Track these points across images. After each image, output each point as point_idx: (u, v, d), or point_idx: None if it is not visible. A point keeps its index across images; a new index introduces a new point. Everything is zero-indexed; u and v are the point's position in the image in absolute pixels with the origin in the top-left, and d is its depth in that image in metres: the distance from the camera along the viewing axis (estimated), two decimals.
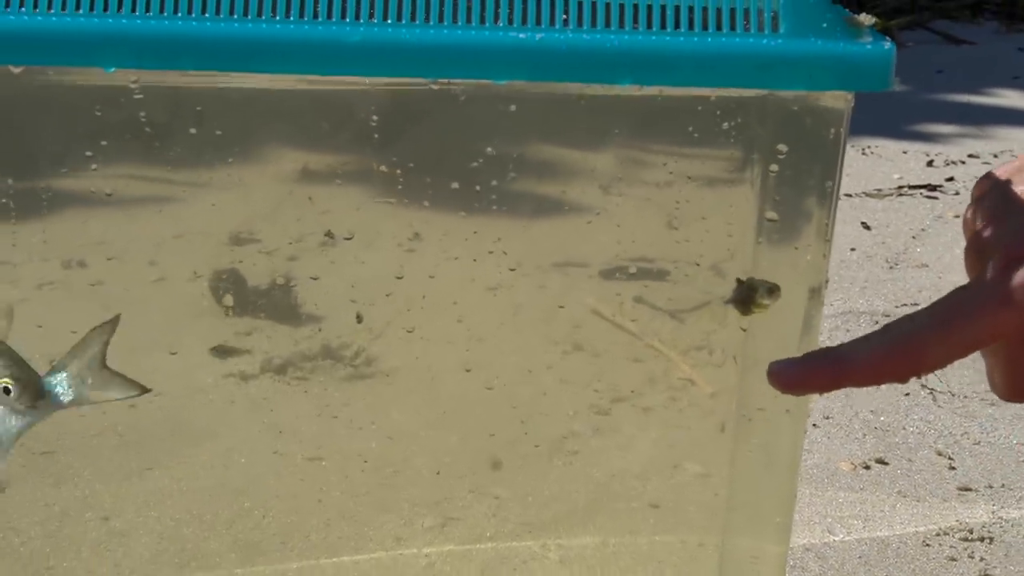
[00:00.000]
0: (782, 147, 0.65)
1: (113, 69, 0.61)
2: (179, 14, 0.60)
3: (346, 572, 0.77)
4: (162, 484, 0.75)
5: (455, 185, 0.68)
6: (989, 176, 0.69)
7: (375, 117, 0.67)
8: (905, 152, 1.91)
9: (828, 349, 0.60)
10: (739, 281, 0.69)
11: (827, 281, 0.66)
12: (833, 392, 1.24)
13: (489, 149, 0.68)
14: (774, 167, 0.66)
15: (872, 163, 1.82)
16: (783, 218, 0.67)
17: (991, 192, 0.63)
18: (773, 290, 0.69)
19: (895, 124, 2.00)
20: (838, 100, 0.62)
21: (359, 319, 0.71)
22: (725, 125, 0.66)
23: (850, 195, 1.67)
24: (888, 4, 2.71)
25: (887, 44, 0.59)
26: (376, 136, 0.67)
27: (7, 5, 0.60)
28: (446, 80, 0.64)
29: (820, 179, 0.65)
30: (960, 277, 0.62)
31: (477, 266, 0.71)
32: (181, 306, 0.73)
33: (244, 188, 0.70)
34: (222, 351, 0.73)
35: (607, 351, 0.73)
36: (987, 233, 0.61)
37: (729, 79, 0.61)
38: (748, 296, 0.69)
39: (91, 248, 0.71)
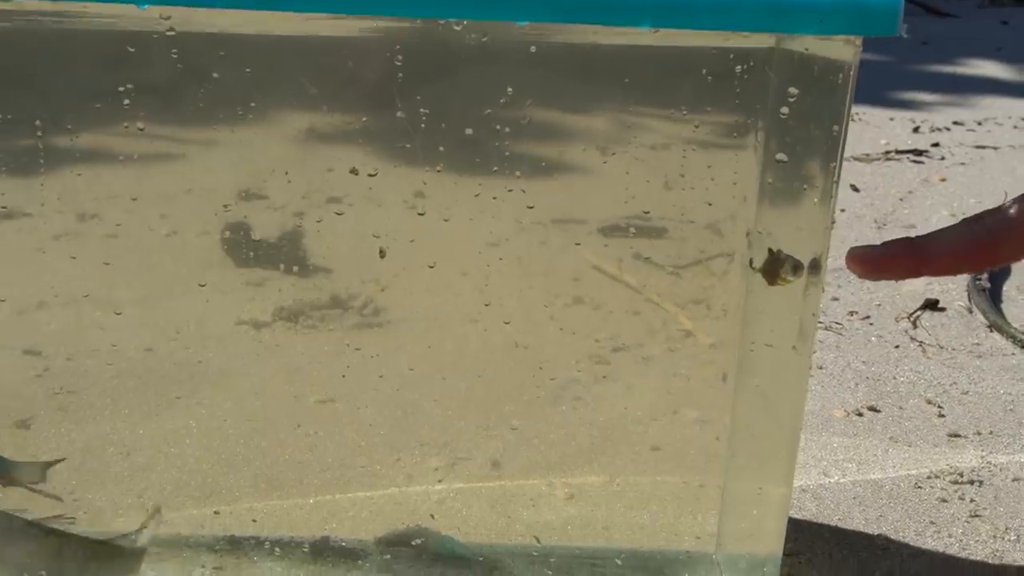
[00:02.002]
0: (792, 90, 0.65)
1: (146, 6, 0.60)
2: None
3: (360, 507, 0.77)
4: (181, 423, 0.75)
5: (468, 131, 0.68)
6: None
7: (399, 59, 0.66)
8: (892, 119, 1.91)
9: (911, 238, 0.60)
10: (770, 251, 0.69)
11: (833, 223, 0.66)
12: (825, 342, 1.26)
13: (502, 99, 0.67)
14: (784, 110, 0.66)
15: (860, 129, 1.82)
16: (792, 159, 0.67)
17: None
18: (798, 267, 0.68)
19: (882, 93, 2.00)
20: (848, 45, 0.62)
21: (382, 254, 0.71)
22: (738, 68, 0.66)
23: None
24: None
25: None
26: (394, 84, 0.67)
27: None
28: (469, 21, 0.63)
29: (829, 122, 0.64)
30: None
31: (481, 221, 0.71)
32: (192, 258, 0.72)
33: (255, 144, 0.70)
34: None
35: (607, 303, 0.73)
36: None
37: (744, 22, 0.61)
38: (775, 268, 0.69)
39: (105, 202, 0.71)
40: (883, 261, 0.62)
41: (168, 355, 0.74)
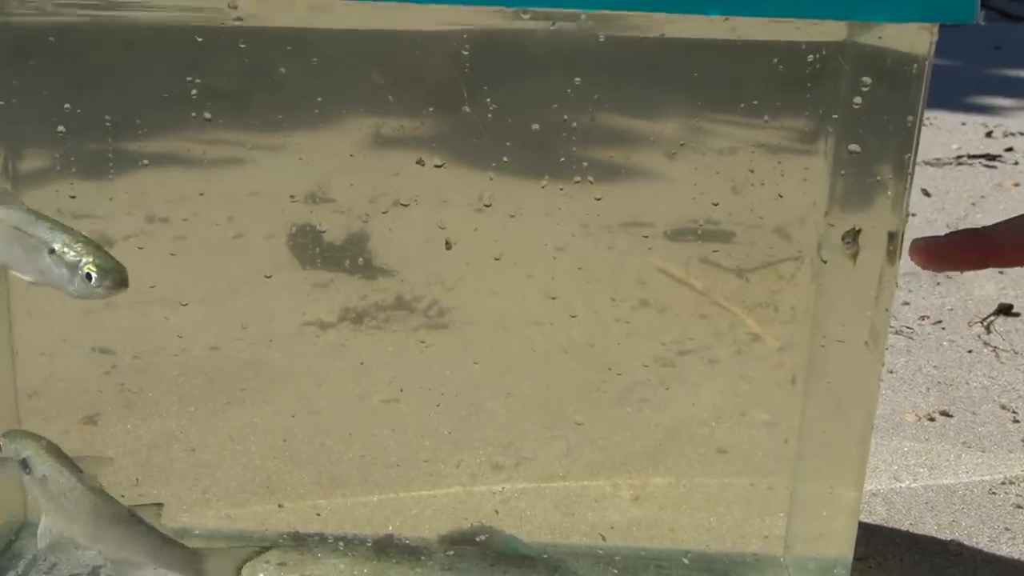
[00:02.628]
0: (866, 79, 0.64)
1: None
2: None
3: (423, 505, 0.77)
4: (246, 420, 0.76)
5: (535, 127, 0.68)
6: None
7: (466, 51, 0.66)
8: (963, 124, 1.89)
9: (977, 228, 0.59)
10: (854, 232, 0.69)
11: (909, 215, 0.65)
12: (895, 346, 1.24)
13: (569, 93, 0.67)
14: (857, 100, 0.65)
15: (931, 134, 1.80)
16: (865, 151, 0.66)
17: None
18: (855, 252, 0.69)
19: (954, 97, 1.98)
20: (922, 33, 0.61)
21: (448, 246, 0.71)
22: (810, 59, 0.66)
23: None
24: None
25: None
26: (461, 78, 0.67)
27: None
28: (536, 10, 0.63)
29: (903, 114, 0.63)
30: None
31: (548, 219, 0.71)
32: (260, 258, 0.73)
33: (316, 148, 0.70)
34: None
35: (674, 306, 0.73)
36: None
37: (817, 9, 0.59)
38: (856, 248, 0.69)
39: (174, 205, 0.72)
40: (948, 251, 0.61)
41: (234, 354, 0.75)
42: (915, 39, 0.61)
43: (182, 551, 0.66)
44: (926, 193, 1.63)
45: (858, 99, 0.65)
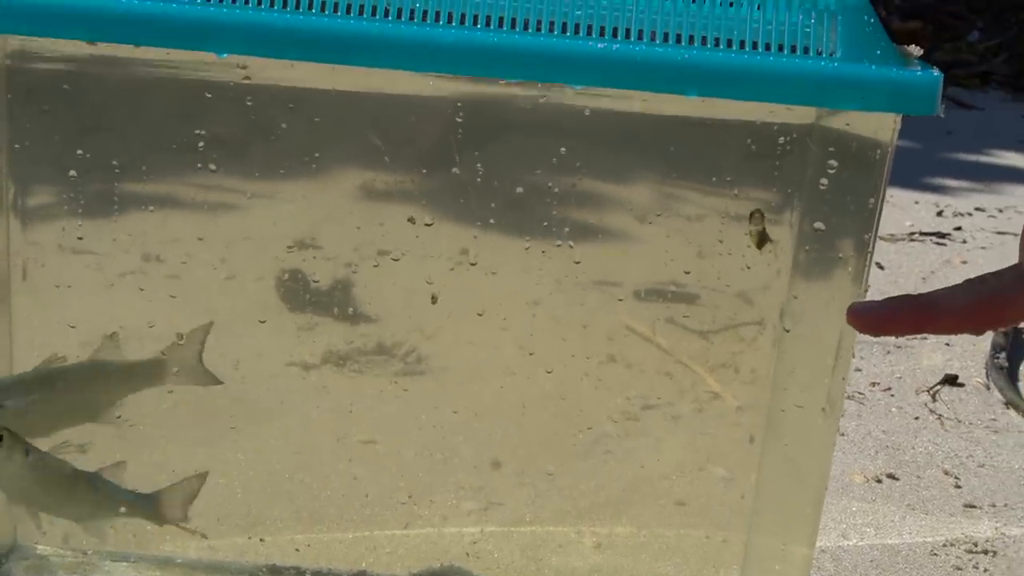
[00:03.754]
0: (832, 163, 0.65)
1: (226, 55, 0.61)
2: (287, 9, 0.60)
3: (397, 544, 0.77)
4: (229, 455, 0.76)
5: (519, 190, 0.69)
6: None
7: (459, 117, 0.67)
8: (917, 202, 1.92)
9: (915, 295, 0.59)
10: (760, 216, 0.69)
11: (867, 289, 0.66)
12: (847, 410, 1.25)
13: (553, 161, 0.68)
14: (823, 182, 0.65)
15: (887, 210, 1.81)
16: (829, 230, 0.67)
17: None
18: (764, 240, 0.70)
19: (909, 176, 2.01)
20: (886, 122, 0.62)
21: (434, 300, 0.71)
22: (780, 140, 0.66)
23: None
24: None
25: (935, 72, 0.58)
26: (453, 141, 0.67)
27: None
28: (528, 82, 0.64)
29: (865, 195, 0.64)
30: None
31: (522, 280, 0.71)
32: (248, 302, 0.73)
33: (310, 199, 0.71)
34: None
35: (640, 363, 0.73)
36: None
37: (790, 96, 0.60)
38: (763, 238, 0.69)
39: (168, 245, 0.72)
40: (886, 316, 0.61)
41: (222, 390, 0.75)
42: (880, 126, 0.62)
43: (137, 496, 0.72)
44: (880, 267, 1.65)
45: (824, 180, 0.65)
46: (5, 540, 0.80)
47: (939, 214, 2.00)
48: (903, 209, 1.86)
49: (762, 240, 0.68)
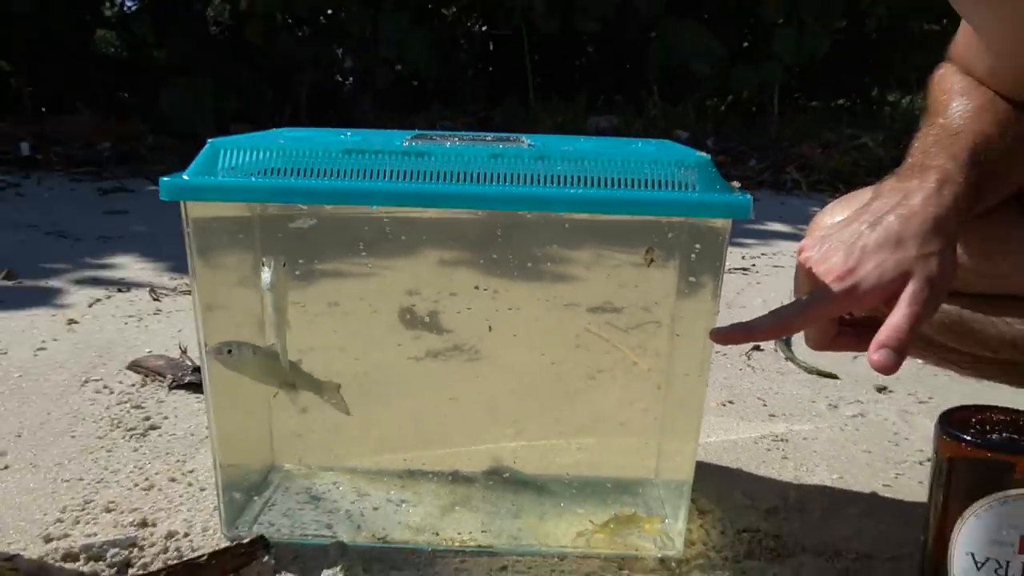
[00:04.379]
0: (696, 246, 0.66)
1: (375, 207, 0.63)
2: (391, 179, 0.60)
3: (472, 455, 0.77)
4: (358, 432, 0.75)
5: (529, 264, 0.69)
6: (812, 228, 0.70)
7: (498, 232, 0.68)
8: (731, 252, 1.91)
9: (743, 323, 0.60)
10: (650, 251, 0.68)
11: (717, 314, 0.67)
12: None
13: (540, 253, 0.69)
14: (692, 255, 0.67)
15: None
16: (696, 282, 0.67)
17: (814, 238, 0.63)
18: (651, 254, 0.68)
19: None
20: (725, 223, 0.63)
21: (490, 328, 0.72)
22: (670, 235, 0.67)
23: None
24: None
25: (749, 196, 0.59)
26: (488, 244, 0.68)
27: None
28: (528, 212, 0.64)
29: (714, 263, 0.65)
30: None
31: (528, 309, 0.72)
32: (384, 323, 0.73)
33: (414, 270, 0.71)
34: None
35: (594, 349, 0.73)
36: (818, 266, 0.60)
37: (673, 212, 0.63)
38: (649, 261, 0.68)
39: (343, 295, 0.73)
40: (730, 336, 0.62)
41: (373, 370, 0.73)
42: (722, 224, 0.63)
43: (321, 381, 0.69)
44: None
45: (696, 247, 0.65)
46: (266, 461, 0.79)
47: (743, 258, 2.03)
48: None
49: (651, 263, 0.68)
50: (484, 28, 4.26)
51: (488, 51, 4.30)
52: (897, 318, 0.56)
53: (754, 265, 1.99)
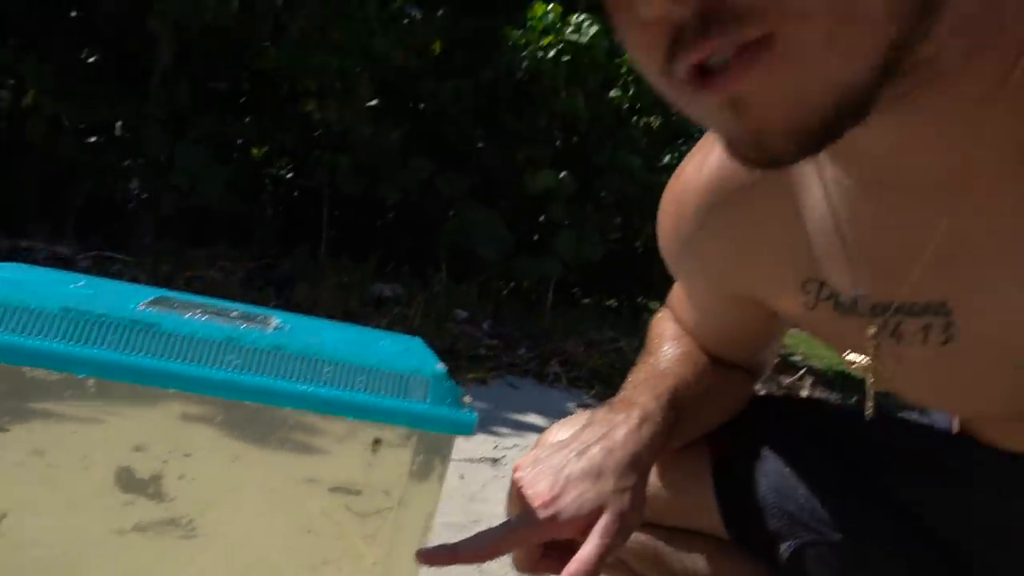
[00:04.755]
0: (421, 450, 0.66)
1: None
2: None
3: None
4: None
5: (276, 431, 0.65)
6: (523, 462, 0.72)
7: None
8: (482, 442, 1.99)
9: (449, 544, 0.62)
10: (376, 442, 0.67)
11: (430, 531, 0.67)
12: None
13: (293, 419, 0.65)
14: (419, 457, 0.66)
15: (468, 444, 1.87)
16: (422, 472, 0.67)
17: (529, 458, 0.67)
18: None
19: (485, 427, 2.06)
20: (452, 436, 0.64)
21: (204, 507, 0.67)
22: (410, 438, 0.66)
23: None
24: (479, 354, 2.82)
25: (474, 414, 0.62)
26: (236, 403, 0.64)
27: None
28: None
29: (442, 460, 0.65)
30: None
31: (265, 481, 0.68)
32: (94, 483, 0.66)
33: (148, 419, 0.65)
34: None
35: (323, 533, 0.70)
36: (527, 489, 0.63)
37: (398, 422, 0.63)
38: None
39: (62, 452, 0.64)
40: (435, 557, 0.63)
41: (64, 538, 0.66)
42: (450, 435, 0.64)
43: None
44: (461, 477, 1.66)
45: (421, 451, 0.65)
46: None
47: (495, 447, 2.04)
48: (479, 443, 1.89)
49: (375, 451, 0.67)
50: (290, 175, 4.28)
51: (292, 197, 4.30)
52: (587, 550, 0.60)
53: (504, 456, 2.00)
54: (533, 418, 2.22)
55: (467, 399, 0.67)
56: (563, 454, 0.65)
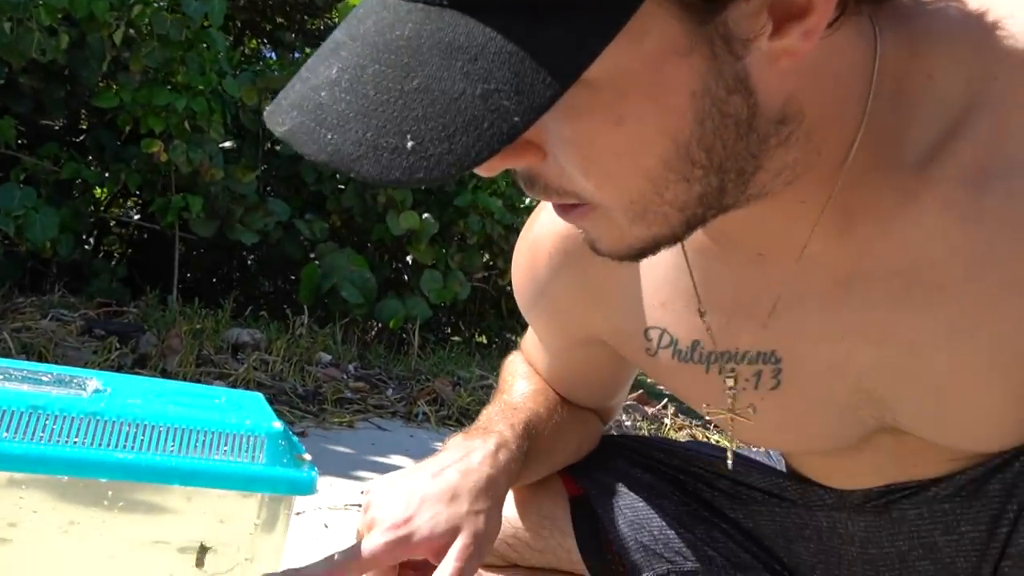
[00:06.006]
0: (271, 511, 0.65)
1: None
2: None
3: None
4: None
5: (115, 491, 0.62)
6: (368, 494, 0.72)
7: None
8: (348, 485, 1.90)
9: (294, 569, 0.61)
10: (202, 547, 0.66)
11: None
12: None
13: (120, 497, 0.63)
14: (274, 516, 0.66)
15: (333, 489, 1.84)
16: (268, 525, 0.65)
17: (382, 479, 0.68)
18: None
19: (346, 471, 2.02)
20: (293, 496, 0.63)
21: None
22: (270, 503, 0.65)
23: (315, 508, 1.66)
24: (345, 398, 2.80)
25: (315, 472, 0.62)
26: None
27: None
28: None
29: (285, 521, 0.63)
30: None
31: (107, 546, 0.66)
32: None
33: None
34: None
35: None
36: (379, 511, 0.64)
37: (231, 486, 0.61)
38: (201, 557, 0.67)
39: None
40: None
41: None
42: (291, 494, 0.63)
43: None
44: (326, 526, 1.61)
45: (266, 511, 0.64)
46: None
47: (362, 493, 1.91)
48: (347, 491, 1.83)
49: (200, 564, 0.66)
50: (138, 217, 4.08)
51: (142, 240, 4.10)
52: (441, 573, 0.60)
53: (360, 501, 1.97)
54: (401, 460, 2.21)
55: (307, 456, 0.68)
56: (418, 475, 0.66)
